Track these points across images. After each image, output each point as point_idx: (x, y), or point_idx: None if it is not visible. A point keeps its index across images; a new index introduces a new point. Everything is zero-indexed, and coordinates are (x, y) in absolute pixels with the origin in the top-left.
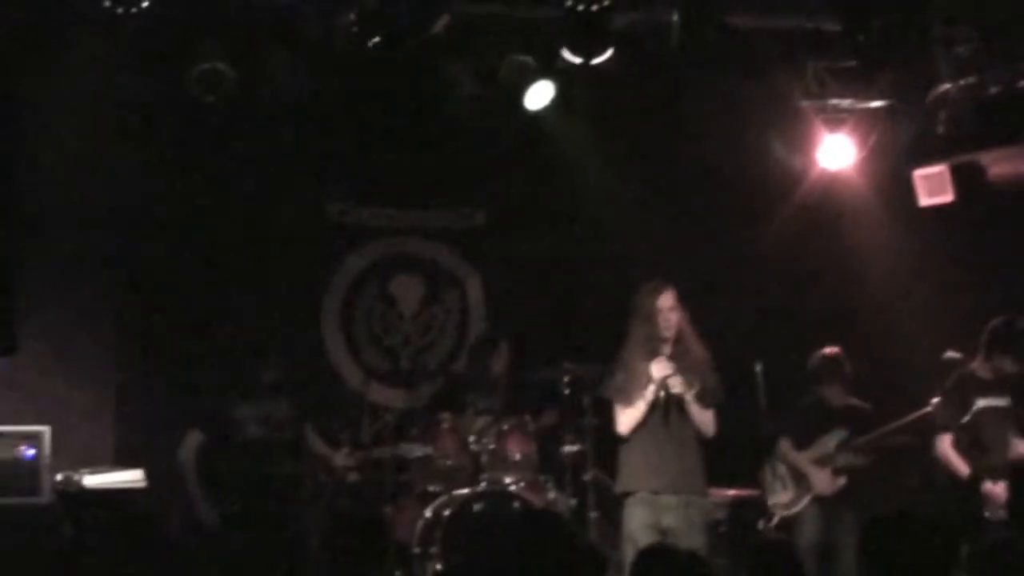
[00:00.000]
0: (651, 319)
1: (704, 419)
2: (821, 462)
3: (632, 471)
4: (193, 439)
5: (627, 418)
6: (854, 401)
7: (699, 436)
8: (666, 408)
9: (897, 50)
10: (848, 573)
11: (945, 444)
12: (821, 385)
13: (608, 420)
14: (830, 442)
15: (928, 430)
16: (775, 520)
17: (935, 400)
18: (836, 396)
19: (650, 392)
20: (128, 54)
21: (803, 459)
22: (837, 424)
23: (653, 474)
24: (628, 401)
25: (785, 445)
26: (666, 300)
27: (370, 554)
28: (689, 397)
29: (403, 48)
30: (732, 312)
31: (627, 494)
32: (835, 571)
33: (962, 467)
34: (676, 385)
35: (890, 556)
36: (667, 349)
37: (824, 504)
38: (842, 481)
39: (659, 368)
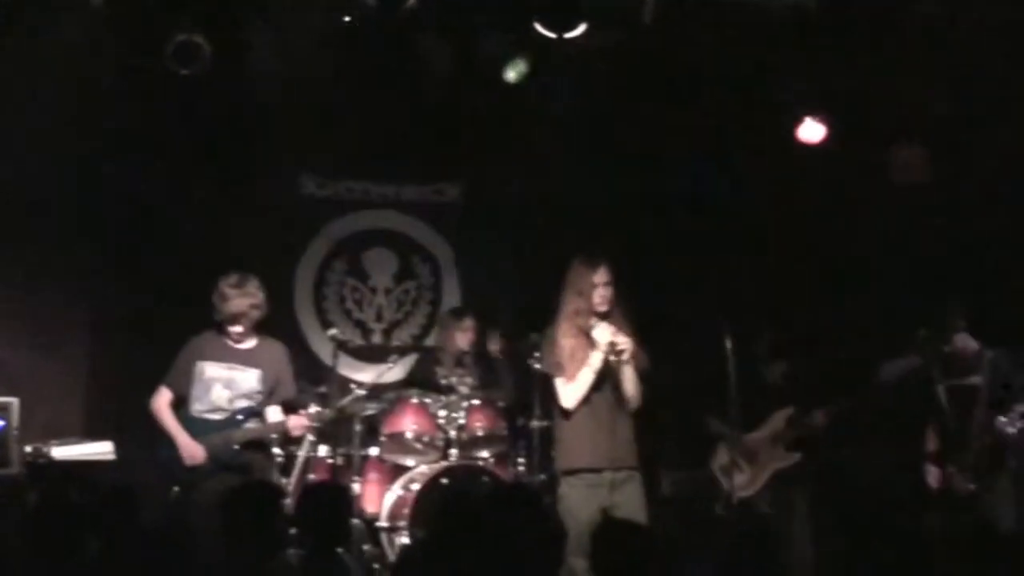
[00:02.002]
0: (585, 293)
1: (637, 390)
2: (773, 439)
3: (574, 448)
4: (164, 394)
5: (573, 391)
6: (797, 377)
7: (632, 409)
8: (606, 379)
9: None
10: (803, 546)
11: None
12: (765, 364)
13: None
14: (779, 419)
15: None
16: (733, 501)
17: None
18: (780, 374)
19: (597, 359)
20: (104, 27)
21: (758, 437)
22: (784, 401)
23: (595, 451)
24: (571, 374)
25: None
26: (601, 275)
27: (337, 525)
28: (630, 364)
29: (378, 22)
30: (703, 287)
31: (568, 472)
32: (790, 544)
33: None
34: (623, 348)
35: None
36: (599, 323)
37: (779, 481)
38: (796, 457)
39: (603, 333)
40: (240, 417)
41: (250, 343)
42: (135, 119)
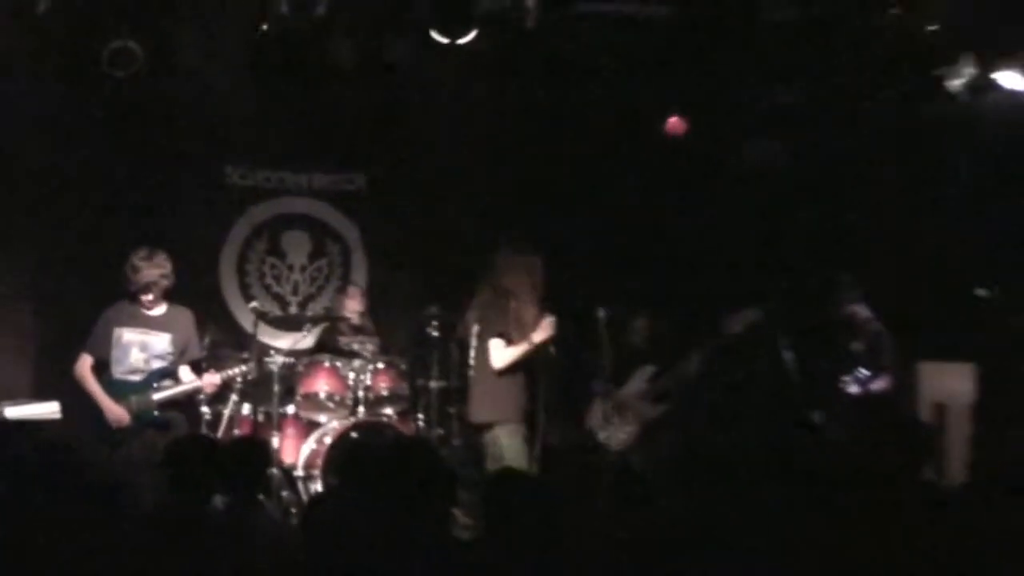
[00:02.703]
0: (532, 276)
1: None
2: (639, 395)
3: (509, 401)
4: (86, 360)
5: (507, 356)
6: (656, 338)
7: None
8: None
9: None
10: (670, 488)
11: None
12: (630, 325)
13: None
14: (642, 376)
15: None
16: (609, 453)
17: None
18: (643, 337)
19: (538, 340)
20: (47, 34)
21: (627, 393)
22: (646, 359)
23: (520, 406)
24: (512, 342)
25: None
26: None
27: (258, 474)
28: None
29: (291, 29)
30: (578, 262)
31: (506, 421)
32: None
33: None
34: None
35: None
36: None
37: (647, 430)
38: (661, 409)
39: (548, 327)
40: (155, 381)
41: (160, 310)
42: (78, 115)
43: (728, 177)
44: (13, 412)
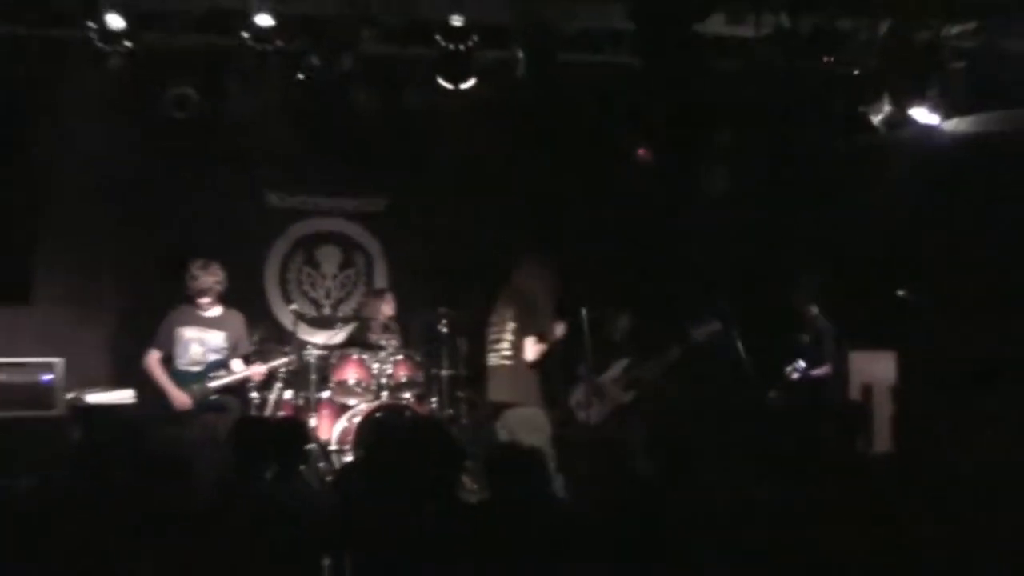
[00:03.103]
0: (551, 283)
1: None
2: (615, 382)
3: (538, 388)
4: (155, 355)
5: (538, 351)
6: (632, 336)
7: None
8: None
9: None
10: (640, 461)
11: None
12: (613, 323)
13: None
14: (618, 367)
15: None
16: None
17: None
18: (620, 333)
19: (556, 336)
20: (118, 80)
21: (605, 380)
22: (622, 353)
23: (540, 391)
24: (540, 340)
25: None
26: None
27: (299, 449)
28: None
29: (323, 78)
30: (566, 271)
31: (526, 404)
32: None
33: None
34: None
35: None
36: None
37: (619, 412)
38: (631, 395)
39: (562, 328)
40: (211, 371)
41: (216, 311)
42: (147, 148)
43: (693, 199)
44: (95, 398)
